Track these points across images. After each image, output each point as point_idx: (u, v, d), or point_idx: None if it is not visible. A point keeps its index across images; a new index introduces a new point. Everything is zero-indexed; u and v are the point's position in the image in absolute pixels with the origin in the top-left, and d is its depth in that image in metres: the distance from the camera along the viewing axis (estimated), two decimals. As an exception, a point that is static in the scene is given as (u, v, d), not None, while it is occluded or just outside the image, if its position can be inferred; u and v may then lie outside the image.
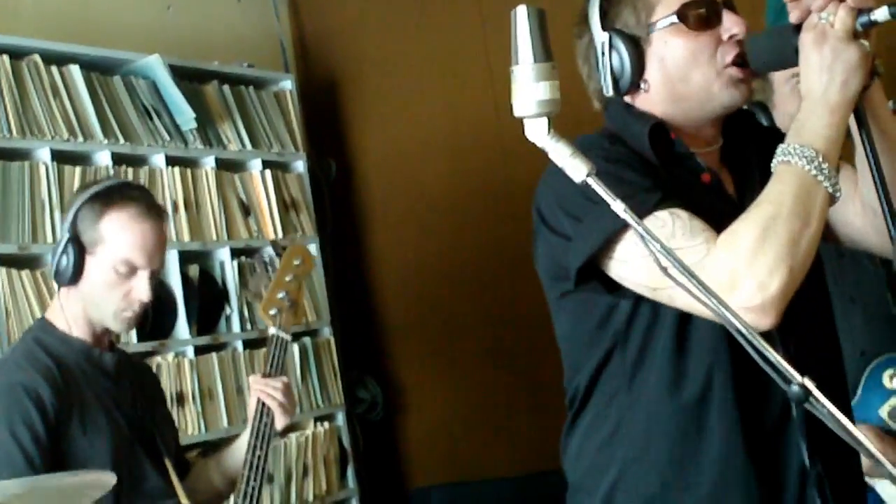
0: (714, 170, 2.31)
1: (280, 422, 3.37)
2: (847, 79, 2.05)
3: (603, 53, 2.29)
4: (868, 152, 2.14)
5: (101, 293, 3.13)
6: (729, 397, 2.21)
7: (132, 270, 3.14)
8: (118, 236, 3.12)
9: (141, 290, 3.14)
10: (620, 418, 2.29)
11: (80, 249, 3.10)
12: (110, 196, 3.16)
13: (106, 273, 3.12)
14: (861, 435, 1.57)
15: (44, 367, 3.03)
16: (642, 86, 2.29)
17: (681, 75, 2.26)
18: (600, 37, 2.29)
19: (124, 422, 3.14)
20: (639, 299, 2.21)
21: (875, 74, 2.17)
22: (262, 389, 3.36)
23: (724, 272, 1.87)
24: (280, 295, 3.59)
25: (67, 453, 2.97)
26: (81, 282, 3.13)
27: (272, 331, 3.53)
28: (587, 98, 2.43)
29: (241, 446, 3.35)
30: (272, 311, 3.56)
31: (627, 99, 2.34)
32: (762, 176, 2.18)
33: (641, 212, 1.81)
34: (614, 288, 2.20)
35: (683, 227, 2.06)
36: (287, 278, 3.63)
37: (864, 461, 2.35)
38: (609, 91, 2.30)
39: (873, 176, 2.13)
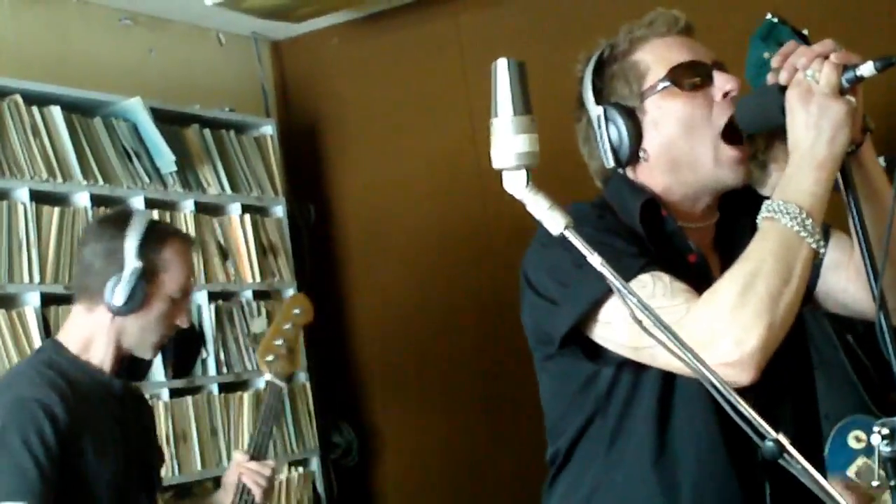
0: (701, 251, 2.31)
1: (260, 500, 3.41)
2: (834, 135, 2.06)
3: (600, 126, 2.30)
4: (852, 210, 2.14)
5: (156, 321, 3.20)
6: (704, 468, 2.21)
7: (183, 298, 3.22)
8: (179, 265, 3.21)
9: (185, 317, 3.26)
10: (598, 483, 2.30)
11: (145, 278, 3.14)
12: (161, 227, 3.28)
13: (164, 301, 3.19)
14: (836, 492, 1.57)
15: (57, 385, 3.03)
16: (641, 155, 2.29)
17: (677, 138, 2.26)
18: (595, 111, 2.30)
19: (125, 451, 3.16)
20: (620, 367, 2.21)
21: (866, 131, 2.18)
22: (248, 476, 3.39)
23: (703, 329, 1.87)
24: (278, 342, 3.63)
25: (76, 472, 2.98)
26: (139, 310, 3.15)
27: (268, 377, 3.58)
28: (571, 152, 2.44)
29: None
30: (269, 358, 3.59)
31: (629, 171, 2.33)
32: None
33: (626, 276, 1.81)
34: (595, 356, 2.21)
35: (664, 287, 2.07)
36: (286, 326, 3.67)
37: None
38: (610, 163, 2.30)
39: (856, 232, 2.13)
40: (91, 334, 3.17)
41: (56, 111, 4.69)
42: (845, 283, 2.38)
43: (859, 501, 3.02)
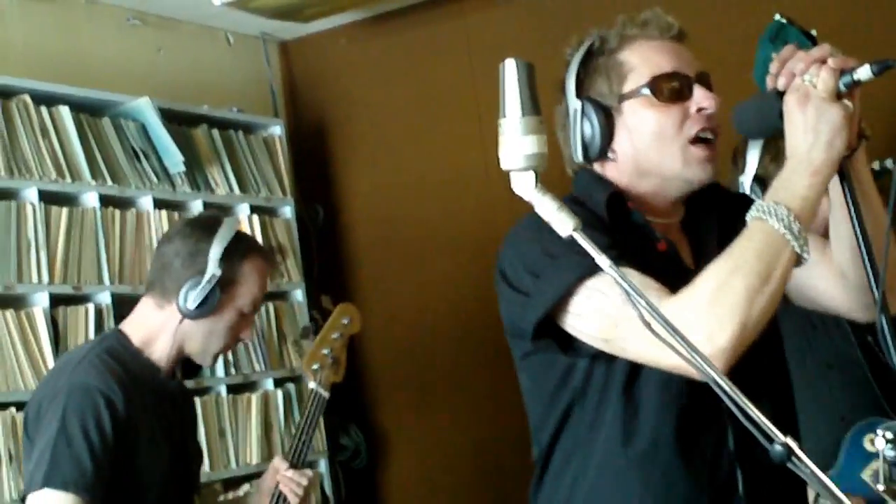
0: (670, 239, 2.33)
1: None
2: (831, 139, 2.07)
3: (575, 120, 2.31)
4: (853, 214, 2.15)
5: (222, 330, 3.22)
6: (669, 461, 2.23)
7: (252, 313, 3.26)
8: (255, 280, 3.24)
9: (249, 331, 3.29)
10: (577, 475, 2.31)
11: (221, 287, 3.15)
12: (248, 240, 3.31)
13: (234, 313, 3.21)
14: (842, 494, 1.57)
15: (118, 376, 3.05)
16: (610, 155, 2.32)
17: (646, 148, 2.29)
18: (574, 104, 2.32)
19: (172, 450, 3.18)
20: (594, 359, 2.23)
21: (862, 137, 2.18)
22: (286, 484, 3.41)
23: (676, 321, 1.87)
24: (324, 351, 3.64)
25: (128, 465, 3.01)
26: (209, 317, 3.17)
27: (312, 385, 3.61)
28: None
29: None
30: (314, 367, 3.61)
31: (597, 167, 2.36)
32: (720, 243, 2.20)
33: (596, 268, 1.82)
34: (569, 347, 2.22)
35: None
36: (333, 336, 3.69)
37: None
38: (578, 158, 2.32)
39: (856, 235, 2.14)
40: (156, 331, 3.20)
41: (65, 111, 4.69)
42: (816, 280, 2.40)
43: None
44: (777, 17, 3.39)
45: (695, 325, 1.95)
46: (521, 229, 2.31)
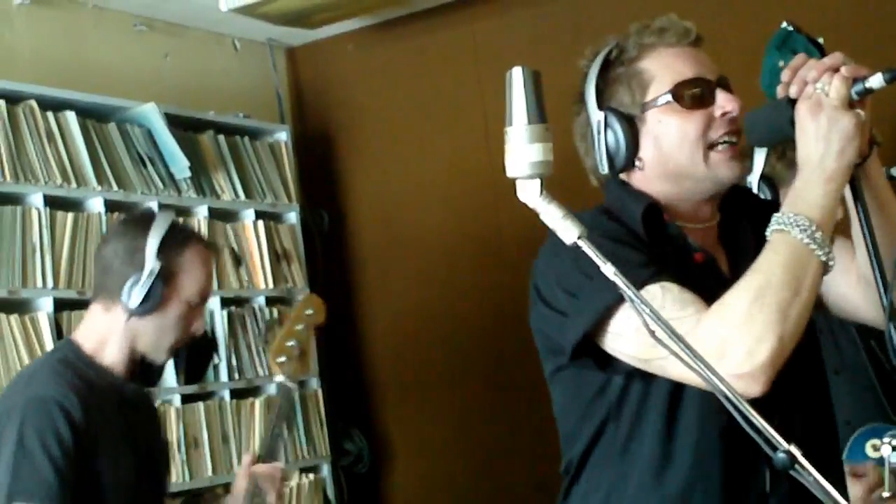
0: (707, 249, 2.32)
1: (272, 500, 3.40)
2: (843, 147, 2.06)
3: (599, 132, 2.30)
4: (863, 222, 2.15)
5: (172, 324, 3.18)
6: (715, 486, 2.22)
7: (201, 304, 3.22)
8: (198, 269, 3.21)
9: (201, 322, 3.25)
10: (609, 493, 2.30)
11: (163, 280, 3.13)
12: (185, 231, 3.28)
13: (181, 305, 3.18)
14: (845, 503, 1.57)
15: (74, 385, 3.02)
16: (637, 164, 2.31)
17: (673, 153, 2.28)
18: (596, 115, 2.31)
19: (136, 455, 3.15)
20: (630, 377, 2.22)
21: (874, 144, 2.18)
22: (262, 479, 3.37)
23: (714, 340, 1.86)
24: (290, 343, 3.60)
25: (91, 474, 2.98)
26: (155, 312, 3.15)
27: (279, 378, 3.55)
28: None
29: None
30: (280, 359, 3.57)
31: (623, 177, 2.35)
32: (757, 252, 2.20)
33: (634, 286, 1.81)
34: (606, 365, 2.21)
35: (674, 299, 2.07)
36: (298, 327, 3.65)
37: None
38: (605, 169, 2.31)
39: (867, 244, 2.14)
40: (106, 335, 3.16)
41: (71, 116, 4.70)
42: (845, 289, 2.39)
43: (869, 486, 2.99)
44: (784, 24, 3.39)
45: (733, 344, 1.97)
46: (557, 245, 2.30)
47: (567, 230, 1.74)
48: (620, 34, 2.38)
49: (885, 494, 2.48)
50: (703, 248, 2.31)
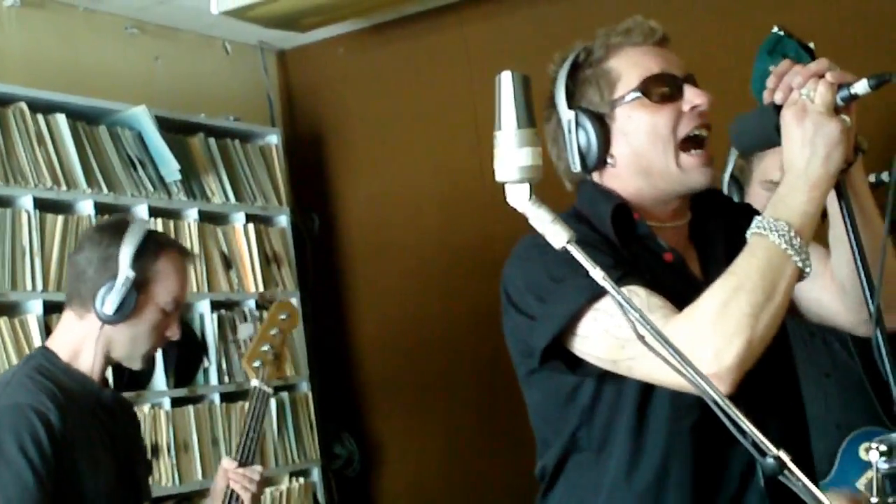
0: (677, 249, 2.33)
1: None
2: (829, 153, 2.07)
3: (570, 131, 2.31)
4: (849, 228, 2.15)
5: (146, 332, 3.17)
6: (686, 482, 2.22)
7: (175, 310, 3.20)
8: (172, 277, 3.19)
9: (176, 329, 3.23)
10: (583, 497, 2.30)
11: (137, 288, 3.11)
12: (159, 238, 3.25)
13: (155, 312, 3.16)
14: (834, 509, 1.57)
15: (50, 391, 3.01)
16: (609, 161, 2.32)
17: (644, 149, 2.29)
18: (566, 115, 2.32)
19: (116, 460, 3.14)
20: (602, 379, 2.23)
21: (859, 150, 2.18)
22: (237, 481, 3.38)
23: (683, 340, 1.84)
24: (264, 348, 3.62)
25: (70, 481, 2.96)
26: (129, 320, 3.13)
27: (254, 383, 3.56)
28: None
29: None
30: (255, 364, 3.59)
31: (596, 176, 2.36)
32: (727, 252, 2.23)
33: (602, 291, 1.82)
34: (576, 367, 2.22)
35: (641, 302, 2.07)
36: (272, 332, 3.66)
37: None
38: (577, 168, 2.33)
39: (853, 250, 2.15)
40: (80, 342, 3.15)
41: (61, 119, 4.69)
42: (818, 293, 2.40)
43: None
44: (775, 29, 3.39)
45: (701, 344, 1.97)
46: (524, 250, 2.31)
47: (556, 234, 1.74)
48: (587, 41, 2.40)
49: (874, 500, 2.48)
50: (674, 249, 2.32)
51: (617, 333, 2.09)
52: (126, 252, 3.12)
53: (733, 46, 4.45)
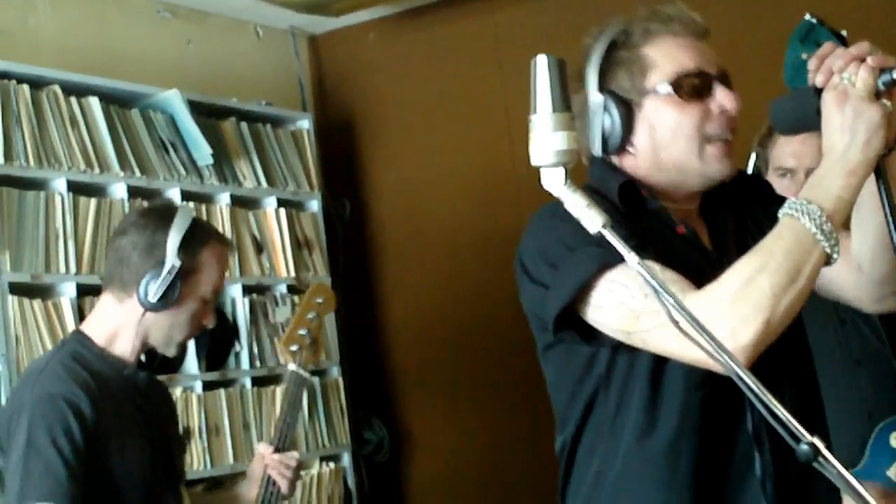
0: (688, 222, 2.32)
1: (287, 492, 3.39)
2: (869, 138, 2.05)
3: (595, 113, 2.30)
4: (888, 213, 2.14)
5: (185, 320, 3.16)
6: (696, 450, 2.22)
7: (214, 299, 3.21)
8: (214, 268, 3.18)
9: (212, 318, 3.23)
10: (601, 467, 2.30)
11: (181, 277, 3.11)
12: (204, 227, 3.24)
13: (196, 301, 3.16)
14: (868, 496, 1.56)
15: (83, 380, 2.99)
16: (629, 149, 2.31)
17: (667, 144, 2.28)
18: (595, 97, 2.30)
19: (151, 443, 3.14)
20: (616, 349, 2.22)
21: None
22: (274, 467, 3.37)
23: (700, 316, 1.84)
24: (301, 332, 3.58)
25: (103, 469, 2.96)
26: (171, 308, 3.13)
27: (291, 367, 3.53)
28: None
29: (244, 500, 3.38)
30: (293, 348, 3.55)
31: (614, 159, 2.34)
32: (737, 228, 2.25)
33: (615, 260, 1.80)
34: (591, 337, 2.21)
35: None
36: (309, 315, 3.62)
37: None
38: (597, 151, 2.31)
39: (891, 233, 2.13)
40: (118, 326, 3.14)
41: (94, 102, 4.71)
42: (829, 271, 2.37)
43: None
44: (807, 16, 3.38)
45: (719, 321, 1.95)
46: (539, 220, 2.31)
47: (591, 218, 1.74)
48: (627, 18, 2.37)
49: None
50: (685, 222, 2.31)
51: (632, 305, 2.08)
52: (173, 240, 3.10)
53: (764, 34, 4.43)
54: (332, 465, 5.45)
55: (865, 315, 3.31)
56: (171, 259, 3.08)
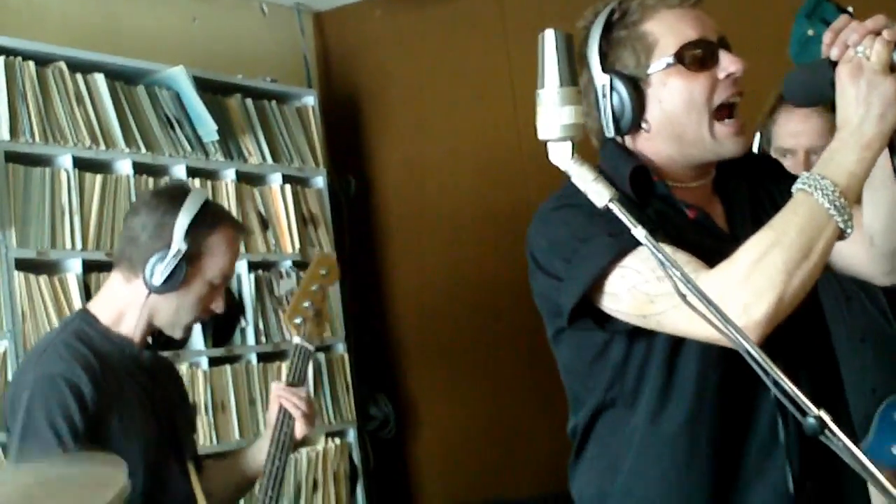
0: (700, 206, 2.32)
1: (301, 431, 3.34)
2: (884, 112, 2.04)
3: (604, 95, 2.29)
4: None
5: (191, 303, 3.15)
6: (714, 428, 2.22)
7: (222, 284, 3.20)
8: (223, 252, 3.17)
9: (220, 302, 3.22)
10: (618, 450, 2.31)
11: (187, 260, 3.10)
12: (215, 211, 3.22)
13: (203, 285, 3.15)
14: (874, 468, 1.57)
15: (85, 360, 2.99)
16: (643, 126, 2.30)
17: (679, 116, 2.27)
18: (600, 79, 2.29)
19: (156, 421, 3.13)
20: (632, 335, 2.22)
21: None
22: (287, 398, 3.34)
23: (713, 291, 1.84)
24: (305, 304, 3.55)
25: (105, 448, 2.94)
26: (176, 291, 3.13)
27: (296, 340, 3.49)
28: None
29: (258, 453, 3.34)
30: (297, 321, 3.53)
31: (629, 139, 2.33)
32: (752, 205, 2.24)
33: (625, 249, 1.80)
34: (605, 322, 2.21)
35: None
36: (313, 288, 3.60)
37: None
38: (611, 132, 2.30)
39: None
40: (125, 306, 3.14)
41: (100, 79, 4.71)
42: (847, 243, 2.37)
43: None
44: (814, -8, 3.37)
45: (731, 297, 1.95)
46: (548, 211, 2.30)
47: (598, 193, 1.75)
48: None
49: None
50: (697, 205, 2.31)
51: (645, 289, 2.08)
52: (182, 223, 3.09)
53: (770, 9, 4.41)
54: (337, 441, 5.46)
55: (871, 292, 3.32)
56: (178, 242, 3.08)
